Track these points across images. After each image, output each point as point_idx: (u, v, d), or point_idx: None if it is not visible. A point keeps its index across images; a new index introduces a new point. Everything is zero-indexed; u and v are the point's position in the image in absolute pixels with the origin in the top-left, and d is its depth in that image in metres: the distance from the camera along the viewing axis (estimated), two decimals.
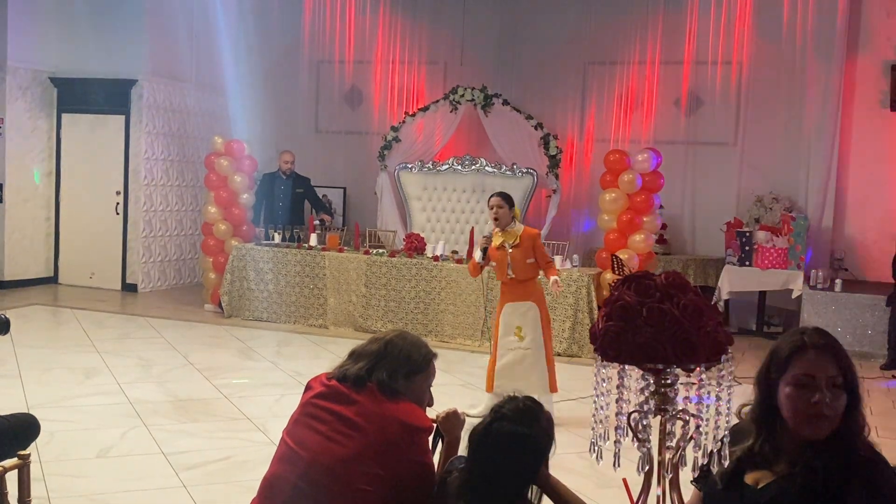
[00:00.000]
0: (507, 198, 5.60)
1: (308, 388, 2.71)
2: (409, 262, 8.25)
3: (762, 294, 8.88)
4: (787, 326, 9.08)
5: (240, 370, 6.77)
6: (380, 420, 2.49)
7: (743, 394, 6.28)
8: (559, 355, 7.50)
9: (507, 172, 9.52)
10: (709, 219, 9.60)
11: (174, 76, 10.57)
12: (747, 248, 8.55)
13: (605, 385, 1.56)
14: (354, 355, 2.66)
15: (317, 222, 9.32)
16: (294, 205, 9.62)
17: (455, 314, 8.08)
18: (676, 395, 1.48)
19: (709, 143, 9.71)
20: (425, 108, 10.03)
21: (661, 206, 9.14)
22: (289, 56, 11.24)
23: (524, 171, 9.47)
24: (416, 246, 8.51)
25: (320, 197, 10.23)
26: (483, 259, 5.70)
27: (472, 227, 8.65)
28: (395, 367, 2.59)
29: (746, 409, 1.92)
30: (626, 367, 1.47)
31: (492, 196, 5.66)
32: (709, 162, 9.70)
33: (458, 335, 8.06)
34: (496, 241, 5.61)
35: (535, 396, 2.16)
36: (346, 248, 8.73)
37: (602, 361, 1.52)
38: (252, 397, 5.99)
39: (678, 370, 1.46)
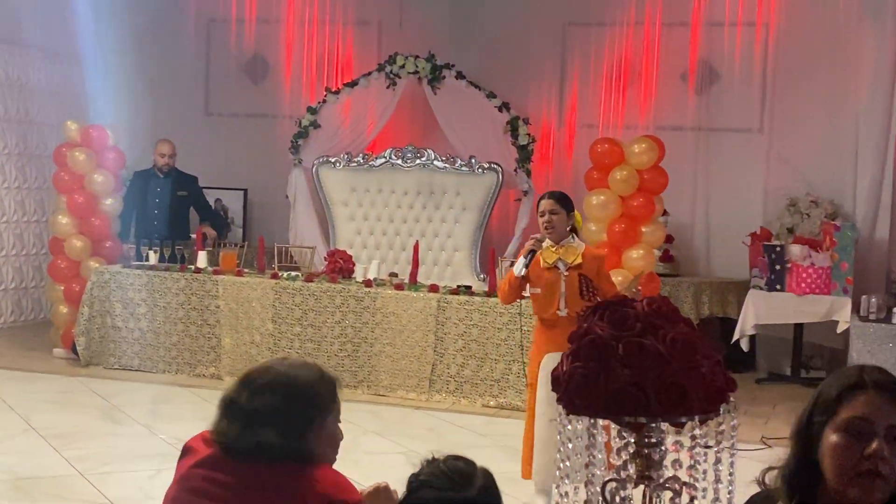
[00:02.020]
0: (563, 200, 5.56)
1: (187, 451, 2.68)
2: (332, 288, 8.25)
3: (798, 328, 9.06)
4: (832, 370, 9.25)
5: (101, 437, 6.68)
6: (295, 500, 2.48)
7: (763, 458, 6.36)
8: None
9: (463, 168, 9.59)
10: (728, 229, 9.76)
11: (11, 41, 10.45)
12: (778, 266, 8.71)
13: (571, 446, 1.59)
14: (238, 413, 2.59)
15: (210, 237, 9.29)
16: (175, 213, 9.56)
17: (394, 358, 8.10)
18: (664, 457, 1.52)
19: (726, 129, 9.89)
20: (353, 84, 10.05)
21: (665, 213, 9.30)
22: (169, 14, 11.19)
23: (485, 166, 9.54)
24: (341, 267, 8.51)
25: (211, 203, 10.16)
26: (525, 271, 5.50)
27: (417, 242, 8.69)
28: (303, 419, 2.56)
29: (773, 473, 1.94)
30: (599, 421, 1.51)
31: (542, 197, 5.60)
32: (727, 154, 9.88)
33: (399, 386, 8.08)
34: (548, 258, 5.56)
35: None
36: (246, 270, 8.71)
37: (567, 415, 1.56)
38: (118, 473, 5.93)
39: (665, 425, 1.50)
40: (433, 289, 8.11)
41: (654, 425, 1.49)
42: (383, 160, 9.79)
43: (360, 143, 10.02)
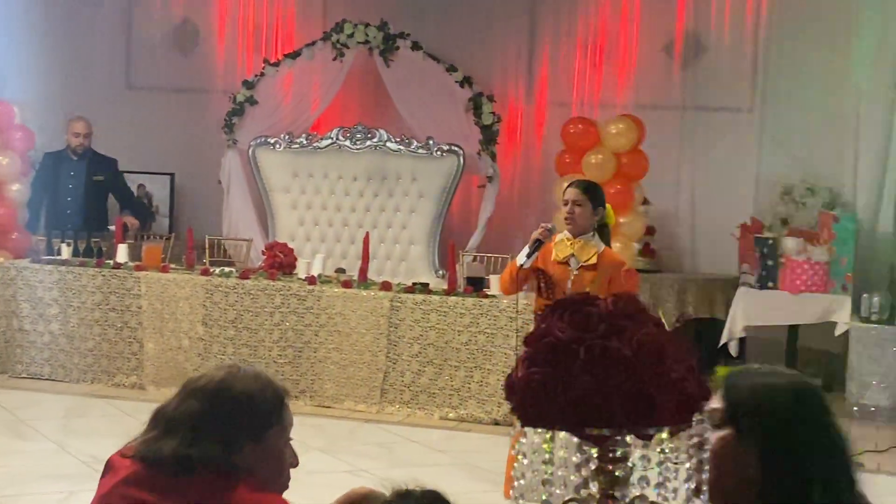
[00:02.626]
0: (592, 191, 5.63)
1: (110, 468, 2.68)
2: (270, 286, 8.23)
3: (792, 330, 9.14)
4: (829, 376, 9.36)
5: (5, 455, 6.62)
6: None
7: None
8: (498, 424, 7.59)
9: (420, 151, 9.59)
10: (715, 220, 9.82)
11: None
12: (770, 262, 8.79)
13: (527, 461, 1.61)
14: (164, 421, 2.60)
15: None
16: (91, 200, 9.52)
17: (341, 365, 8.09)
18: (630, 474, 1.53)
19: (714, 108, 9.95)
20: (296, 54, 10.02)
21: (646, 202, 9.35)
22: None
23: (445, 148, 9.54)
24: (281, 262, 8.49)
25: (132, 189, 10.09)
26: (529, 262, 5.55)
27: (367, 234, 8.68)
28: (234, 430, 2.56)
29: None
30: (558, 433, 1.52)
31: (570, 184, 5.66)
32: (715, 136, 9.94)
33: (347, 397, 8.08)
34: (560, 252, 5.59)
35: None
36: (173, 266, 8.67)
37: (522, 426, 1.57)
38: (24, 497, 5.87)
39: (631, 438, 1.52)
40: (385, 287, 8.11)
41: (618, 438, 1.50)
42: (329, 141, 9.75)
43: (303, 122, 9.98)
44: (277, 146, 9.83)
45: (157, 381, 8.43)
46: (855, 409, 8.28)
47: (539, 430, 1.56)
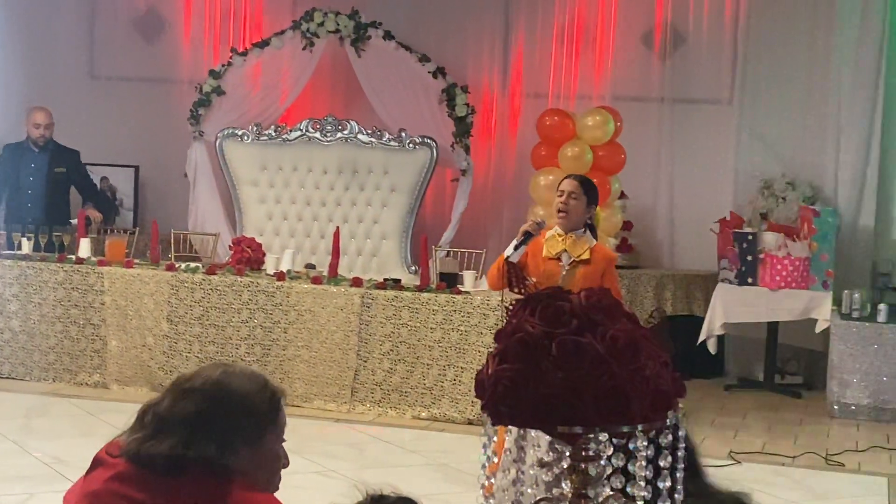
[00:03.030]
0: (588, 187, 5.66)
1: (99, 463, 2.65)
2: (237, 282, 8.20)
3: (772, 327, 9.18)
4: (810, 375, 9.41)
5: None
6: None
7: (731, 476, 6.45)
8: (472, 423, 7.58)
9: (392, 143, 9.58)
10: (694, 214, 9.86)
11: None
12: (750, 257, 8.82)
13: (497, 460, 1.59)
14: (156, 420, 2.58)
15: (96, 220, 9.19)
16: (53, 193, 9.47)
17: (311, 363, 8.07)
18: (603, 472, 1.52)
19: (693, 100, 9.98)
20: (264, 43, 9.99)
21: (623, 196, 9.37)
22: None
23: (418, 141, 9.53)
24: (249, 257, 8.47)
25: (96, 181, 10.03)
26: (517, 255, 5.52)
27: (338, 229, 8.66)
28: (231, 431, 2.55)
29: None
30: (529, 431, 1.50)
31: (567, 177, 5.72)
32: (693, 129, 9.97)
33: (316, 396, 8.05)
34: (551, 248, 5.60)
35: None
36: (137, 261, 8.62)
37: (493, 424, 1.55)
38: None
39: (604, 435, 1.50)
40: (356, 283, 8.08)
41: (591, 436, 1.49)
42: (299, 133, 9.73)
43: (271, 114, 9.95)
44: (245, 138, 9.79)
45: (120, 379, 8.38)
46: (835, 407, 8.32)
47: (510, 429, 1.55)
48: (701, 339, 8.84)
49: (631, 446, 1.50)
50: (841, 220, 9.13)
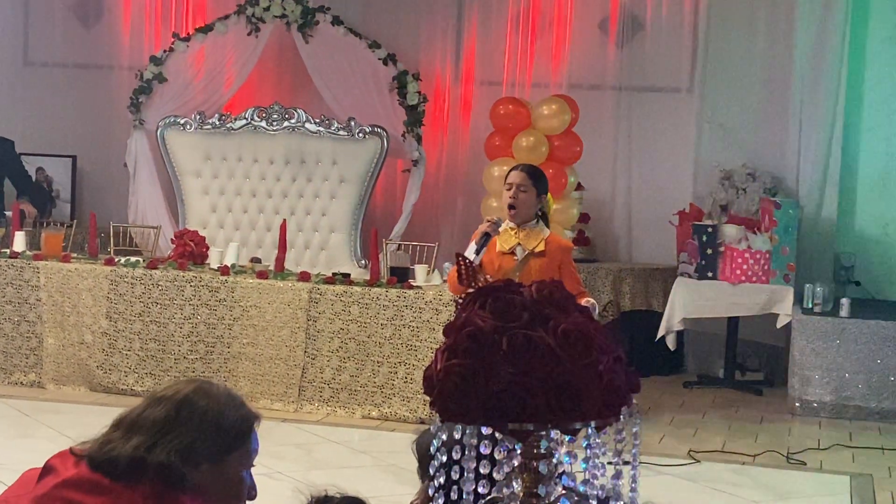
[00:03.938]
0: (536, 177, 5.68)
1: (49, 470, 2.67)
2: (180, 277, 8.16)
3: (733, 322, 9.26)
4: (772, 371, 9.50)
5: None
6: None
7: (691, 475, 6.49)
8: (424, 423, 7.57)
9: (342, 133, 9.56)
10: (653, 206, 9.92)
11: None
12: (710, 251, 8.88)
13: (446, 459, 1.60)
14: (125, 425, 2.63)
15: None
16: None
17: (257, 361, 8.04)
18: (555, 470, 1.53)
19: (651, 88, 10.03)
20: (207, 28, 9.94)
21: (580, 187, 9.40)
22: None
23: (367, 130, 9.53)
24: (192, 251, 8.43)
25: (31, 173, 9.96)
26: (478, 258, 5.53)
27: (284, 221, 8.64)
28: (195, 443, 2.59)
29: None
30: (479, 429, 1.51)
31: (513, 168, 5.69)
32: (652, 118, 10.02)
33: (262, 395, 8.02)
34: (505, 243, 5.58)
35: None
36: (75, 255, 8.56)
37: (442, 421, 1.56)
38: None
39: (556, 432, 1.51)
40: (304, 277, 8.06)
41: (542, 433, 1.50)
42: (244, 122, 9.70)
43: (215, 102, 9.91)
44: (188, 127, 9.74)
45: (57, 378, 8.32)
46: (797, 404, 8.40)
47: (459, 427, 1.55)
48: (659, 335, 8.88)
49: (583, 443, 1.51)
50: (802, 212, 9.21)
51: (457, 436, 1.53)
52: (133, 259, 8.45)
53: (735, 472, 6.99)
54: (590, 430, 1.49)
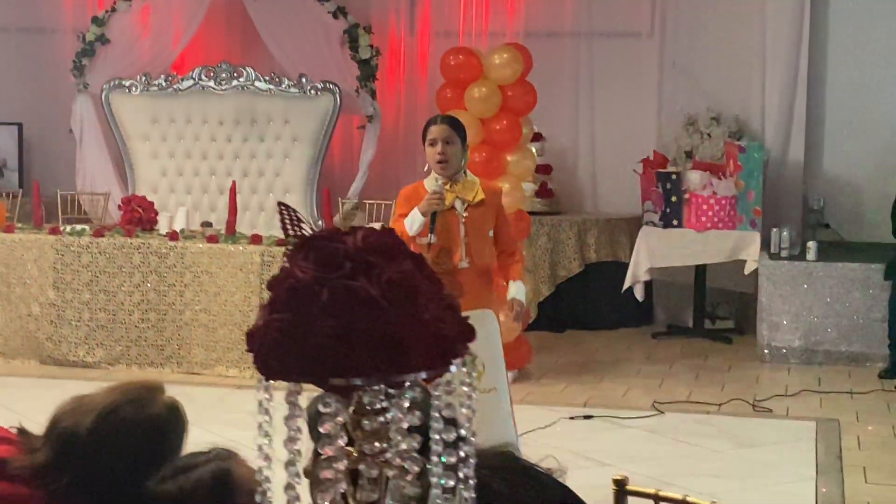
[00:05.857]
0: (459, 127, 5.60)
1: None
2: (127, 244, 8.14)
3: (700, 270, 9.26)
4: (741, 319, 9.52)
5: None
6: None
7: (653, 427, 6.47)
8: None
9: (292, 90, 9.52)
10: (616, 155, 9.90)
11: None
12: (674, 198, 8.88)
13: (270, 422, 1.57)
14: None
15: None
16: None
17: (210, 328, 8.04)
18: (381, 426, 1.50)
19: (611, 33, 10.00)
20: None
21: (540, 138, 9.36)
22: None
23: (319, 87, 9.49)
24: (140, 217, 8.40)
25: None
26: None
27: (234, 183, 8.60)
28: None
29: None
30: (302, 386, 1.48)
31: (433, 122, 5.60)
32: (613, 64, 9.99)
33: (217, 362, 8.03)
34: (447, 200, 5.55)
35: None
36: (20, 225, 8.53)
37: (265, 379, 1.53)
38: None
39: (381, 386, 1.48)
40: (255, 240, 8.04)
41: (367, 388, 1.46)
42: (191, 82, 9.66)
43: (161, 62, 9.87)
44: (133, 89, 9.70)
45: (5, 352, 8.32)
46: (766, 352, 8.43)
47: (281, 385, 1.52)
48: (626, 286, 8.90)
49: (409, 395, 1.48)
50: (768, 155, 9.20)
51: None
52: (79, 227, 8.44)
53: (699, 423, 7.02)
54: (416, 383, 1.46)
